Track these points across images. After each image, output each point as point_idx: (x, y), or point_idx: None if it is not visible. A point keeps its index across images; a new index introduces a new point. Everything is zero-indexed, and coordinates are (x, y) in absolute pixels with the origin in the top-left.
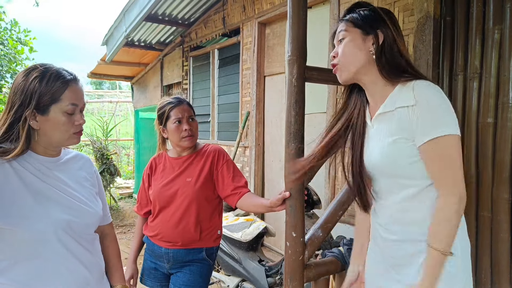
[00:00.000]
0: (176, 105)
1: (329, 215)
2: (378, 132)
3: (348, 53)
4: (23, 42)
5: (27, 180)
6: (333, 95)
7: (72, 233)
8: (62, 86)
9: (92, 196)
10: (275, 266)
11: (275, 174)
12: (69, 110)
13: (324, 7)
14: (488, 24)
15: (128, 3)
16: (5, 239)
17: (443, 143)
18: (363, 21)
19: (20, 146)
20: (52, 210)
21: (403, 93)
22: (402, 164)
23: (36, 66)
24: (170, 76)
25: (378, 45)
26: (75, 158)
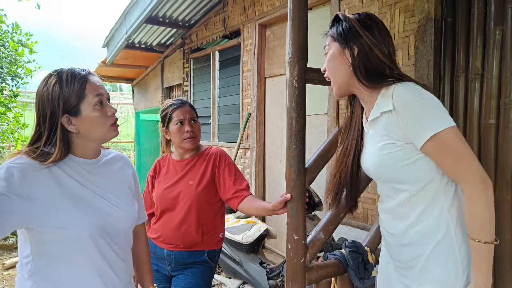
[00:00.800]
0: (178, 107)
1: (330, 217)
2: (372, 138)
3: (331, 68)
4: (24, 44)
5: (66, 184)
6: (333, 96)
7: (106, 237)
8: (81, 82)
9: (129, 200)
10: (276, 268)
11: (276, 176)
12: (97, 102)
13: (324, 9)
14: (490, 25)
15: (129, 6)
16: (42, 240)
17: (442, 139)
18: (339, 35)
19: (56, 153)
20: (88, 213)
21: (384, 98)
22: (393, 168)
23: (50, 74)
24: (170, 78)
25: (353, 57)
26: (114, 159)
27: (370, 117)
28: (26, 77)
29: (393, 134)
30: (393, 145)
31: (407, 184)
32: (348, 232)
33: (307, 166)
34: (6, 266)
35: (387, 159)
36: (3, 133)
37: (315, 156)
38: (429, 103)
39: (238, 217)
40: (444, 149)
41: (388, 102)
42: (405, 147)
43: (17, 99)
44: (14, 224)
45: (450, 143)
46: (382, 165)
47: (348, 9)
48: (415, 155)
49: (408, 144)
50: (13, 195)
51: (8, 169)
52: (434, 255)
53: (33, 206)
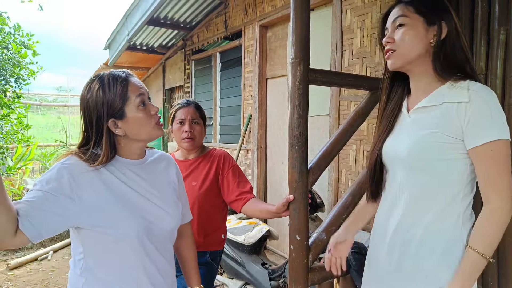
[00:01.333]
0: (183, 107)
1: (333, 218)
2: (414, 124)
3: (408, 42)
4: (27, 45)
5: (113, 185)
6: (336, 97)
7: (151, 237)
8: (123, 84)
9: (173, 201)
10: (278, 269)
11: (277, 177)
12: (140, 103)
13: (326, 9)
14: (493, 25)
15: (130, 7)
16: (91, 240)
17: (497, 148)
18: (428, 8)
19: (102, 156)
20: (135, 214)
21: (454, 91)
22: (433, 158)
23: (92, 79)
24: (172, 80)
25: (439, 38)
26: (159, 159)
27: (420, 104)
28: (29, 78)
29: (448, 126)
30: (443, 135)
31: (436, 179)
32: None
33: (309, 167)
34: (10, 266)
35: (432, 147)
36: (7, 135)
37: (317, 157)
38: (499, 110)
39: (240, 218)
40: (494, 158)
41: (461, 94)
42: (454, 141)
43: (20, 101)
44: (61, 224)
45: (501, 154)
46: (423, 151)
47: (350, 9)
48: (459, 154)
49: (458, 141)
50: (62, 196)
51: (59, 170)
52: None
53: (82, 206)
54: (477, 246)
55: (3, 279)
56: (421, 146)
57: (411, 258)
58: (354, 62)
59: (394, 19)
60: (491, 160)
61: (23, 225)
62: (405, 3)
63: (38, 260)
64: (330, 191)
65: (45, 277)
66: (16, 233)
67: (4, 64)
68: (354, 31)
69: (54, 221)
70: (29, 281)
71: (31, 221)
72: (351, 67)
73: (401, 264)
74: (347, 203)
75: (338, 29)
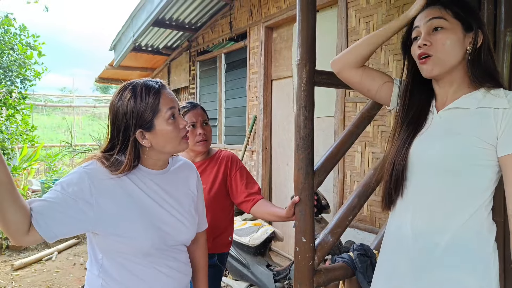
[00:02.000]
0: (190, 109)
1: (339, 220)
2: (445, 125)
3: (448, 47)
4: (32, 47)
5: (133, 194)
6: (341, 99)
7: (167, 248)
8: (156, 96)
9: (190, 212)
10: (283, 271)
11: (282, 178)
12: (170, 116)
13: (332, 11)
14: (500, 27)
15: (136, 9)
16: (107, 245)
17: None
18: (466, 14)
19: (125, 165)
20: (152, 225)
21: (489, 97)
22: (466, 161)
23: (125, 86)
24: (177, 81)
25: (475, 45)
26: (181, 168)
27: (453, 105)
28: (34, 79)
29: (484, 131)
30: (478, 140)
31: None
32: (356, 235)
33: (315, 169)
34: (15, 267)
35: (468, 152)
36: (12, 135)
37: (323, 159)
38: None
39: (245, 219)
40: None
41: (499, 100)
42: (488, 147)
43: (25, 101)
44: (77, 227)
45: None
46: (458, 155)
47: (356, 11)
48: (491, 161)
49: (492, 147)
50: (81, 200)
51: (81, 174)
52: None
53: (100, 213)
54: None
55: (8, 279)
56: (456, 149)
57: (435, 266)
58: None
59: (429, 20)
60: None
61: (38, 224)
62: (443, 5)
63: (42, 261)
64: (335, 192)
65: (49, 277)
66: (30, 231)
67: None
68: (360, 33)
69: (70, 223)
70: (33, 282)
71: (47, 221)
72: None
73: (424, 273)
74: (353, 205)
75: (343, 31)
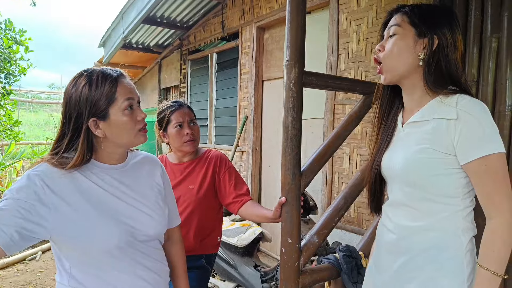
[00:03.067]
0: (177, 109)
1: (325, 221)
2: (407, 138)
3: (395, 53)
4: (18, 41)
5: (90, 192)
6: (331, 101)
7: (137, 244)
8: (112, 84)
9: (157, 204)
10: (271, 271)
11: (272, 179)
12: (127, 106)
13: (323, 12)
14: (486, 33)
15: (126, 5)
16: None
17: (490, 162)
18: (421, 20)
19: (77, 156)
20: (115, 222)
21: (444, 106)
22: (426, 174)
23: (81, 73)
24: (168, 79)
25: (430, 51)
26: (142, 162)
27: (414, 118)
28: (19, 75)
29: (438, 141)
30: (434, 151)
31: (430, 194)
32: (343, 236)
33: (302, 170)
34: None
35: (422, 163)
36: None
37: (310, 160)
38: (490, 123)
39: (233, 220)
40: (489, 172)
41: (450, 111)
42: (445, 157)
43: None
44: (37, 233)
45: (496, 168)
46: (415, 168)
47: (347, 13)
48: (452, 169)
49: (450, 156)
50: (37, 202)
51: (30, 177)
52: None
53: (57, 214)
54: (486, 264)
55: None
56: (413, 161)
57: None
58: (350, 66)
59: (388, 28)
60: (486, 175)
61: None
62: (403, 12)
63: (26, 261)
64: (323, 193)
65: (32, 278)
66: None
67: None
68: (350, 35)
69: (29, 230)
70: (16, 282)
71: (3, 229)
72: (346, 70)
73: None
74: (339, 206)
75: (334, 33)
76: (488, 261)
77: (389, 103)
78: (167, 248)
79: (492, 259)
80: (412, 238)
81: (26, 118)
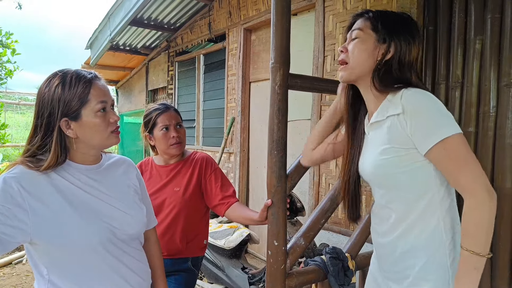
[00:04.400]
0: (163, 112)
1: (311, 223)
2: (372, 141)
3: (356, 54)
4: (5, 44)
5: (68, 192)
6: (317, 102)
7: (117, 242)
8: (86, 86)
9: (135, 203)
10: (258, 273)
11: (259, 181)
12: (100, 109)
13: (309, 14)
14: (470, 35)
15: (113, 7)
16: (51, 253)
17: (448, 145)
18: (382, 27)
19: (51, 157)
20: (94, 221)
21: (392, 102)
22: (391, 173)
23: (55, 73)
24: (155, 81)
25: (383, 57)
26: (117, 163)
27: (372, 119)
28: (6, 78)
29: (396, 138)
30: (394, 149)
31: (403, 192)
32: (330, 237)
33: (288, 172)
34: None
35: (386, 164)
36: None
37: (296, 163)
38: (437, 109)
39: (220, 222)
40: (449, 156)
41: (396, 106)
42: (407, 152)
43: None
44: (16, 238)
45: (456, 150)
46: (380, 169)
47: (333, 15)
48: (417, 162)
49: (411, 150)
50: (14, 206)
51: (6, 180)
52: (427, 267)
53: (36, 217)
54: (467, 245)
55: None
56: (378, 164)
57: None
58: (336, 67)
59: (351, 31)
60: (447, 159)
61: None
62: (366, 17)
63: (12, 264)
64: (310, 195)
65: (19, 281)
66: None
67: None
68: (336, 37)
69: (7, 234)
70: (2, 286)
71: None
72: (333, 72)
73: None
74: (325, 208)
75: (320, 35)
76: (468, 242)
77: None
78: (145, 250)
79: (471, 239)
80: (394, 240)
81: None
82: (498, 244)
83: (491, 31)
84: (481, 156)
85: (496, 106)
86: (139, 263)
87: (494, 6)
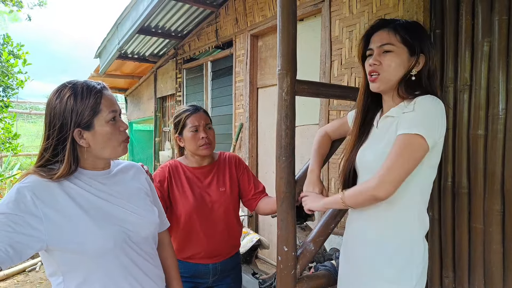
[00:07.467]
0: (193, 113)
1: (321, 228)
2: (379, 133)
3: (393, 69)
4: (16, 55)
5: (80, 198)
6: (325, 107)
7: (132, 245)
8: (97, 97)
9: (148, 206)
10: (269, 279)
11: (268, 186)
12: (111, 118)
13: (315, 19)
14: (477, 37)
15: (121, 16)
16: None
17: (405, 138)
18: (413, 40)
19: (64, 166)
20: (109, 224)
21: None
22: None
23: (64, 84)
24: (163, 88)
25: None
26: (126, 168)
27: (388, 113)
28: (17, 88)
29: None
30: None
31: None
32: (340, 242)
33: (297, 177)
34: None
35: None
36: None
37: (304, 168)
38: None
39: None
40: (397, 144)
41: (409, 108)
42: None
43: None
44: (31, 246)
45: (404, 144)
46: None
47: (339, 20)
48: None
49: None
50: (28, 215)
51: (19, 189)
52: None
53: (50, 224)
54: (345, 195)
55: None
56: (381, 154)
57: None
58: (343, 72)
59: (381, 45)
60: (395, 146)
61: None
62: (393, 30)
63: (26, 272)
64: None
65: None
66: None
67: None
68: (343, 42)
69: (22, 243)
70: None
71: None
72: (340, 77)
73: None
74: (335, 213)
75: (327, 40)
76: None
77: (370, 108)
78: (159, 252)
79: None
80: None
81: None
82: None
83: (499, 33)
84: (491, 159)
85: (505, 108)
86: (153, 268)
87: (501, 8)
